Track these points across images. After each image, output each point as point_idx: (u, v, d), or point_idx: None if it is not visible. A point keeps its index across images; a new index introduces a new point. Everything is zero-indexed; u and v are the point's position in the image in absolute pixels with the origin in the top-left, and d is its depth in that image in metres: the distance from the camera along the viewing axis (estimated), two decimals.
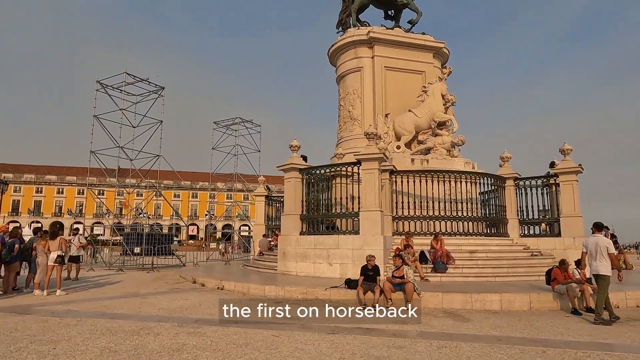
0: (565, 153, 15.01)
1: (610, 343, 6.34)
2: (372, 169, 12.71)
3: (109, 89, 23.38)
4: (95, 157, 22.77)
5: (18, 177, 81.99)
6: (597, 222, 8.68)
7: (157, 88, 24.10)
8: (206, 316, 8.15)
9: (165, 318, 7.90)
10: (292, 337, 6.50)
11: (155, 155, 23.65)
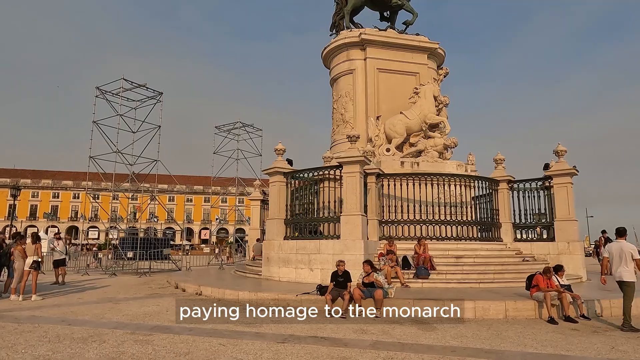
0: (560, 154, 14.50)
1: (569, 355, 5.97)
2: (354, 172, 12.46)
3: (108, 94, 23.64)
4: (94, 162, 22.99)
5: (36, 183, 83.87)
6: (619, 228, 8.43)
7: (155, 93, 24.25)
8: (166, 323, 8.01)
9: (123, 325, 7.79)
10: (238, 346, 6.30)
11: (153, 160, 23.79)
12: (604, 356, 5.97)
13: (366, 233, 12.64)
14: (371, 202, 14.10)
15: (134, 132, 24.78)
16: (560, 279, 9.13)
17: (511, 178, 15.75)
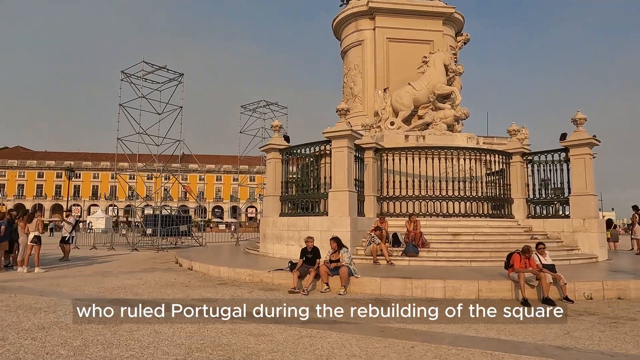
0: (578, 123, 13.18)
1: (507, 340, 5.46)
2: (341, 147, 12.06)
3: (133, 77, 24.47)
4: (122, 144, 24.03)
5: (95, 165, 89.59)
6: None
7: (177, 75, 24.79)
8: (130, 296, 8.27)
9: (87, 297, 8.12)
10: (151, 328, 6.18)
11: (176, 140, 24.52)
12: (547, 342, 5.41)
13: (355, 209, 12.27)
14: (368, 178, 13.66)
15: (159, 113, 25.60)
16: (543, 258, 8.37)
17: (525, 150, 14.60)
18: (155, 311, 6.20)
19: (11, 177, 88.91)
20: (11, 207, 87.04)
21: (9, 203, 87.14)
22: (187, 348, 4.98)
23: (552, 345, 5.29)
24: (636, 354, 4.99)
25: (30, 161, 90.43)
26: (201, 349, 4.96)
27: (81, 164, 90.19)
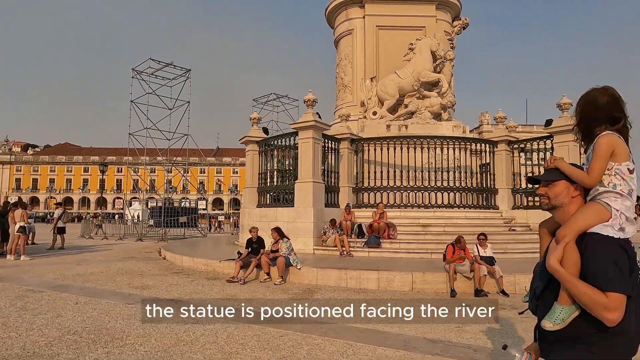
0: (563, 108, 12.42)
1: (382, 331, 5.34)
2: (307, 138, 12.03)
3: (143, 74, 25.41)
4: (133, 138, 25.09)
5: (119, 159, 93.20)
6: None
7: (184, 71, 25.50)
8: (78, 282, 8.72)
9: (43, 283, 8.65)
10: (89, 304, 6.67)
11: (184, 135, 25.30)
12: (424, 335, 5.24)
13: (322, 200, 12.22)
14: (343, 169, 13.56)
15: (170, 108, 26.48)
16: (483, 250, 8.03)
17: (511, 138, 13.94)
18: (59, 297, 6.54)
19: (60, 172, 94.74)
20: (60, 200, 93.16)
21: (58, 196, 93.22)
22: (67, 328, 5.25)
23: (425, 338, 5.13)
24: (497, 348, 4.75)
25: (76, 157, 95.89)
26: (78, 331, 5.21)
27: (122, 159, 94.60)
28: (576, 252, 1.61)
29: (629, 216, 1.65)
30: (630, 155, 1.72)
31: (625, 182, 1.68)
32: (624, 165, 1.69)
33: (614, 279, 1.52)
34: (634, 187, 1.70)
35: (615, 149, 1.69)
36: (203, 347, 4.75)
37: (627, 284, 1.52)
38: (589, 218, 1.64)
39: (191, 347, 4.72)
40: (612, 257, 1.55)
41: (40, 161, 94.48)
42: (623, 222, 1.64)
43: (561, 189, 1.76)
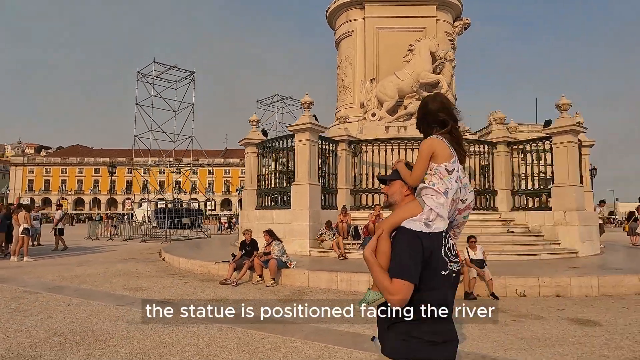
0: (562, 109, 12.30)
1: (358, 333, 5.38)
2: (303, 140, 12.10)
3: (148, 77, 25.68)
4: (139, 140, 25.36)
5: (129, 160, 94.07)
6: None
7: (188, 73, 25.72)
8: (75, 284, 8.89)
9: (38, 284, 8.85)
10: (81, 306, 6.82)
11: (188, 137, 25.55)
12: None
13: (318, 202, 12.27)
14: (341, 171, 13.60)
15: (174, 111, 26.74)
16: (473, 252, 8.01)
17: (510, 139, 13.86)
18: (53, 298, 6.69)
19: (71, 173, 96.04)
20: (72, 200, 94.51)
21: (70, 197, 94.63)
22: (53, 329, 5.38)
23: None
24: (474, 352, 4.76)
25: (87, 158, 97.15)
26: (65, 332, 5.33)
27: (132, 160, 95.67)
28: (387, 243, 1.78)
29: (439, 212, 1.78)
30: (451, 157, 1.85)
31: (443, 181, 1.82)
32: (442, 166, 1.83)
33: (400, 267, 1.70)
34: (450, 185, 1.81)
35: (435, 151, 1.85)
36: (183, 349, 4.83)
37: (410, 273, 1.68)
38: (403, 214, 1.80)
39: (170, 350, 4.80)
40: (406, 248, 1.72)
41: (52, 162, 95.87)
42: (433, 217, 1.77)
43: (396, 188, 1.95)
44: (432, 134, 1.92)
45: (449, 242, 1.80)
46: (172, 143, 26.31)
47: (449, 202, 1.81)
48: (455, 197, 1.85)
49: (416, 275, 1.69)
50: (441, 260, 1.74)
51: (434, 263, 1.73)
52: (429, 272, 1.72)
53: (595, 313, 6.61)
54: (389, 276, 1.70)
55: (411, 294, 1.69)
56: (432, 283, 1.73)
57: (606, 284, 8.05)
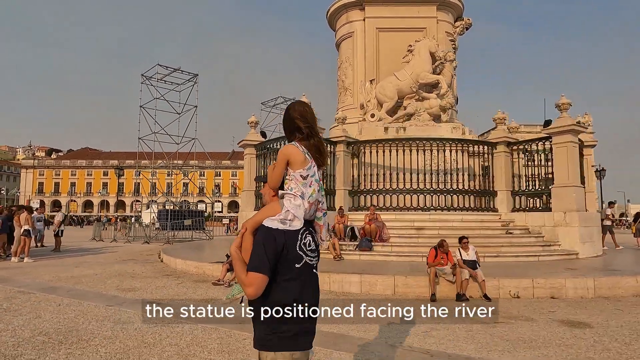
0: (562, 109, 12.15)
1: (342, 334, 5.33)
2: None
3: (152, 80, 25.90)
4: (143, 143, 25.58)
5: (137, 163, 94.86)
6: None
7: (191, 76, 25.89)
8: (70, 284, 8.95)
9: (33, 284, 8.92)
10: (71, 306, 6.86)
11: (191, 139, 25.69)
12: (385, 341, 5.22)
13: None
14: (340, 172, 13.56)
15: (178, 113, 26.92)
16: (466, 253, 7.92)
17: (510, 139, 13.73)
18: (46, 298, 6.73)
19: (81, 176, 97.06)
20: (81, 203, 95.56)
21: (79, 199, 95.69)
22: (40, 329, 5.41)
23: (387, 343, 5.10)
24: (456, 353, 4.70)
25: (96, 161, 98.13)
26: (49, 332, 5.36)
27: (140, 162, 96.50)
28: (250, 240, 1.95)
29: (295, 213, 1.94)
30: (305, 163, 2.00)
31: (298, 186, 1.99)
32: (297, 172, 1.99)
33: (255, 261, 1.84)
34: (305, 190, 1.98)
35: (289, 158, 2.00)
36: (163, 349, 4.82)
37: (262, 266, 1.82)
38: (264, 213, 1.98)
39: (151, 350, 4.80)
40: (262, 244, 1.86)
41: (62, 165, 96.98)
42: (290, 217, 1.93)
43: (266, 190, 2.12)
44: (293, 140, 2.07)
45: (306, 238, 1.96)
46: (176, 145, 26.53)
47: (306, 203, 1.98)
48: (314, 200, 2.02)
49: (268, 268, 1.83)
50: (296, 255, 1.90)
51: (289, 257, 1.88)
52: (284, 265, 1.87)
53: (588, 315, 6.50)
54: (246, 269, 1.86)
55: (266, 286, 1.84)
56: (288, 275, 1.88)
57: (602, 286, 7.92)
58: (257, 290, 1.83)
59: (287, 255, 1.87)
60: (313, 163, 2.04)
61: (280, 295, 1.87)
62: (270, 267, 1.83)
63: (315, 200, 2.02)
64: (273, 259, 1.84)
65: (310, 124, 2.06)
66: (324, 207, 2.10)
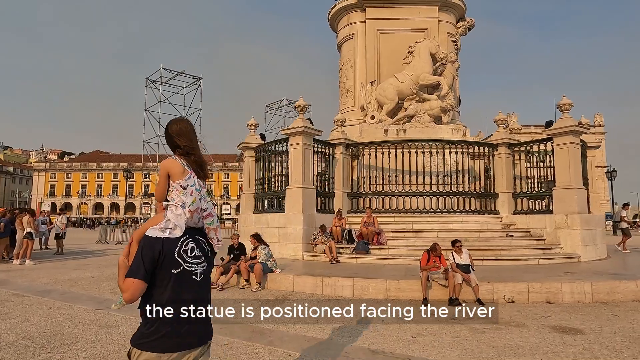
0: (563, 109, 11.95)
1: (323, 339, 5.26)
2: (297, 144, 12.04)
3: (157, 83, 26.10)
4: (147, 145, 25.78)
5: (146, 165, 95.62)
6: None
7: (195, 79, 26.02)
8: (65, 287, 9.01)
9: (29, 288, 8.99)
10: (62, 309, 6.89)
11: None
12: (363, 345, 5.14)
13: (312, 206, 12.13)
14: (338, 174, 13.50)
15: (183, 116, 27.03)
16: (459, 257, 7.80)
17: (511, 141, 13.54)
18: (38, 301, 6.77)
19: (91, 178, 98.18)
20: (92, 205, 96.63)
21: (90, 202, 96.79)
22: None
23: (370, 349, 5.01)
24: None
25: (106, 164, 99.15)
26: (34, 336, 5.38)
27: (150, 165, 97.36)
28: (136, 248, 2.02)
29: (176, 222, 2.05)
30: (184, 174, 2.13)
31: (179, 196, 2.11)
32: (177, 183, 2.12)
33: (132, 267, 1.94)
34: (185, 199, 2.09)
35: (169, 171, 2.15)
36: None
37: (138, 272, 1.91)
38: (149, 223, 2.08)
39: None
40: (140, 251, 1.96)
41: (73, 168, 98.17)
42: (171, 226, 2.03)
43: (158, 203, 2.27)
44: (175, 153, 2.20)
45: (187, 245, 2.05)
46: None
47: (187, 212, 2.08)
48: (195, 207, 2.12)
49: (143, 274, 1.92)
50: (174, 261, 1.98)
51: (166, 263, 1.97)
52: (162, 271, 1.97)
53: (582, 321, 6.34)
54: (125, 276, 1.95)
55: (143, 291, 1.94)
56: (166, 281, 1.97)
57: (600, 290, 7.74)
58: (132, 295, 1.92)
59: (164, 261, 1.97)
60: (192, 174, 2.16)
61: (156, 299, 1.96)
62: (145, 272, 1.92)
63: (197, 208, 2.12)
64: (150, 266, 1.93)
65: (188, 141, 2.18)
66: (212, 213, 2.21)
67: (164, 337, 1.95)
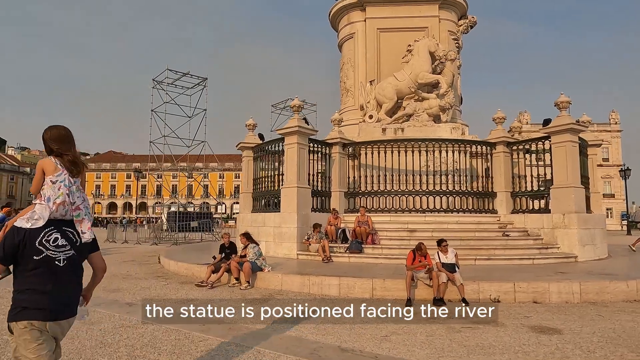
0: (561, 107, 11.80)
1: (305, 339, 5.31)
2: (292, 143, 12.11)
3: (163, 84, 26.41)
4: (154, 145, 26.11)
5: (159, 165, 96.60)
6: None
7: (200, 80, 26.29)
8: None
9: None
10: None
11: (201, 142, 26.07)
12: (335, 343, 5.18)
13: (307, 205, 12.19)
14: (335, 173, 13.53)
15: (189, 116, 27.36)
16: (444, 256, 7.77)
17: (510, 139, 13.41)
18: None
19: (105, 178, 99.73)
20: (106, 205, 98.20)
21: (104, 202, 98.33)
22: None
23: (340, 348, 5.05)
24: (403, 359, 4.62)
25: (120, 164, 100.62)
26: None
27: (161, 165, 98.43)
28: None
29: (40, 213, 2.32)
30: (56, 171, 2.43)
31: (49, 190, 2.40)
32: (49, 178, 2.43)
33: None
34: (52, 193, 2.38)
35: (43, 168, 2.45)
36: (116, 350, 4.91)
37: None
38: (21, 214, 2.36)
39: (105, 350, 4.90)
40: (4, 239, 2.28)
41: (88, 168, 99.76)
42: (35, 217, 2.31)
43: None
44: (51, 155, 2.50)
45: (50, 235, 2.33)
46: (187, 148, 26.99)
47: (52, 205, 2.36)
48: (62, 200, 2.39)
49: (2, 257, 2.27)
50: (34, 249, 2.27)
51: (27, 250, 2.26)
52: (23, 257, 2.27)
53: (564, 321, 6.28)
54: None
55: (4, 270, 2.31)
56: (29, 265, 2.28)
57: (589, 290, 7.64)
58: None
59: (25, 249, 2.26)
60: (64, 171, 2.46)
61: (20, 280, 2.31)
62: (4, 256, 2.26)
63: (63, 200, 2.38)
64: (10, 251, 2.26)
65: (60, 144, 2.49)
66: (80, 207, 2.49)
67: (28, 308, 2.27)
